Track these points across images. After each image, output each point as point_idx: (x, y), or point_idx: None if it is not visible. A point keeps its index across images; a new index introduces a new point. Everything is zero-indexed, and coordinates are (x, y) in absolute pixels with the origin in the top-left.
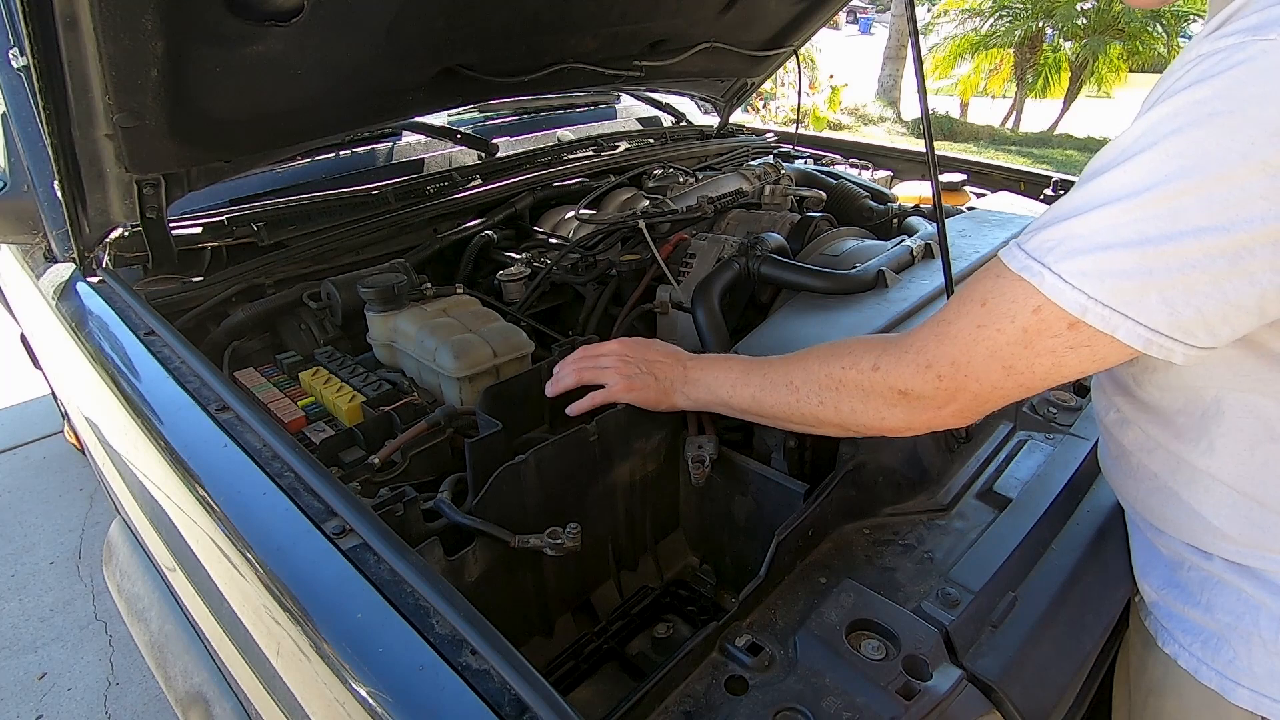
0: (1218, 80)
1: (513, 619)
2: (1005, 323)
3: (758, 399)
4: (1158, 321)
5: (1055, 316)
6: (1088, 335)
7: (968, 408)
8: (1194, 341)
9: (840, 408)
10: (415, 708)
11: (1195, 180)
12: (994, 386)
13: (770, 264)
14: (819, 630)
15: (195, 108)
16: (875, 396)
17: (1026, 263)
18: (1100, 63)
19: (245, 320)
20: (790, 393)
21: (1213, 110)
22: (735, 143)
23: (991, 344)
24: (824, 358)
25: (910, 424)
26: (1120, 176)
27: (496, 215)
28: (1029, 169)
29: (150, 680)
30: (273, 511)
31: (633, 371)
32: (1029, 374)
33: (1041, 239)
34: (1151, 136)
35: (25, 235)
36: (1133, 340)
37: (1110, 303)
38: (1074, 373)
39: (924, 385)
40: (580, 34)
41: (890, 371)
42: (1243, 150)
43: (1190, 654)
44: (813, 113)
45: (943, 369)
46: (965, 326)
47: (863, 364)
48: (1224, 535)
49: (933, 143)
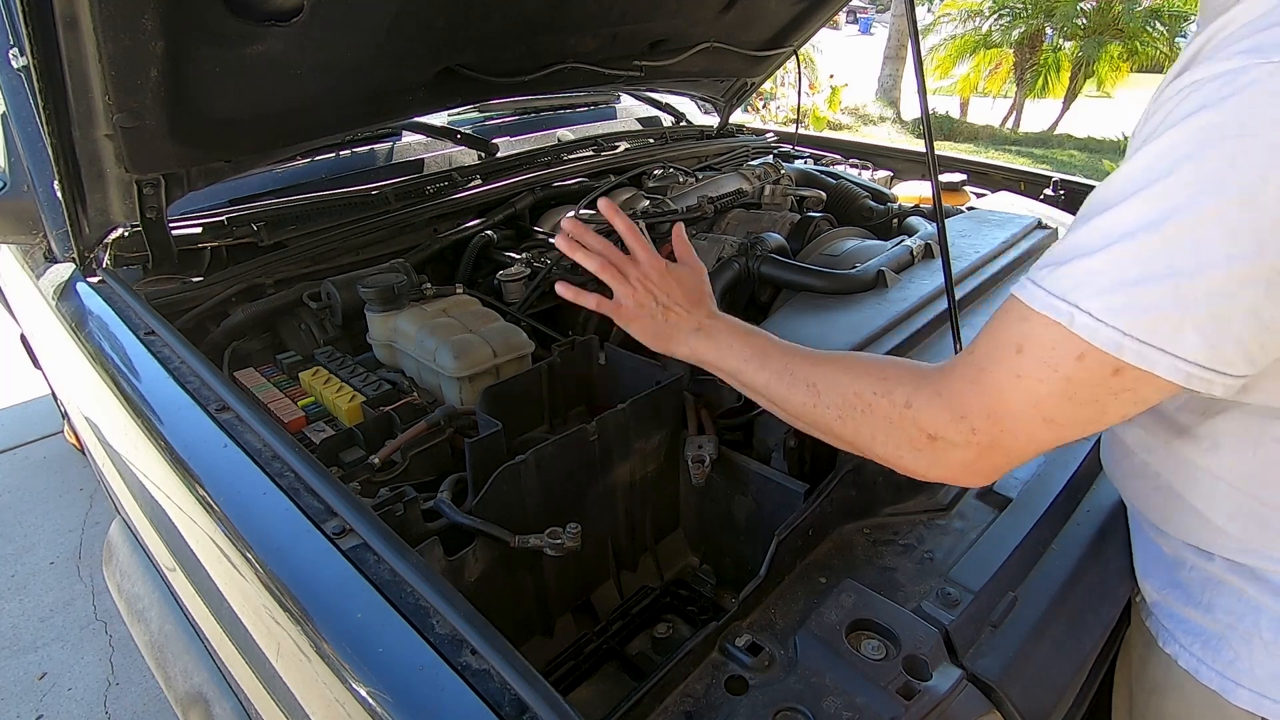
0: (1225, 105)
1: (513, 619)
2: (1047, 371)
3: (771, 386)
4: (1196, 355)
5: (1099, 362)
6: (1131, 379)
7: (997, 467)
8: (1233, 371)
9: (860, 431)
10: (415, 708)
11: (1216, 208)
12: (1030, 439)
13: (770, 264)
14: (819, 630)
15: (195, 108)
16: (901, 433)
17: (1050, 302)
18: (1100, 62)
19: (245, 320)
20: (810, 395)
21: (1224, 135)
22: (735, 143)
23: (1032, 395)
24: (856, 373)
25: (927, 471)
26: (1138, 207)
27: (496, 215)
28: (1029, 169)
29: (150, 680)
30: (273, 511)
31: (646, 300)
32: (1068, 425)
33: (1061, 275)
34: (1165, 163)
35: (25, 235)
36: (1173, 375)
37: (1147, 339)
38: (1115, 419)
39: (955, 435)
40: (580, 34)
41: (922, 412)
42: (1261, 174)
43: (1191, 654)
44: (813, 113)
45: (978, 421)
46: (1002, 375)
47: (895, 396)
48: (1225, 534)
49: (933, 143)
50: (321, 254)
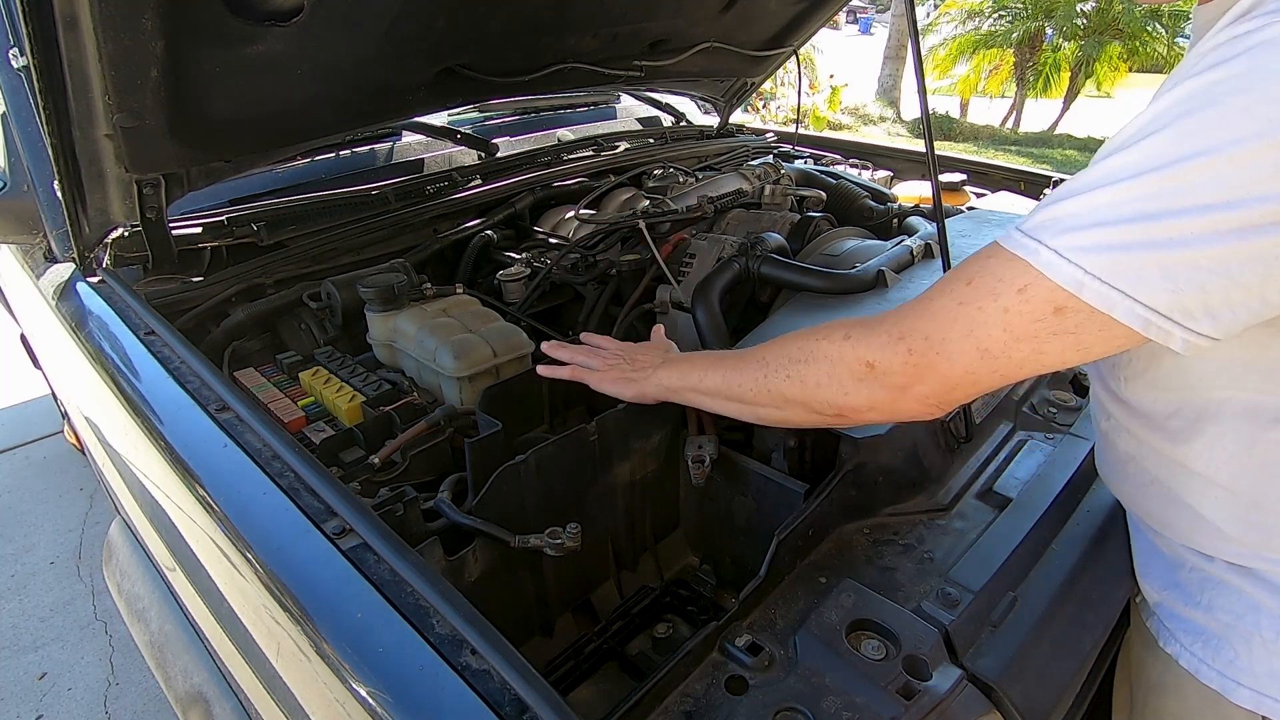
0: (1234, 62)
1: (513, 619)
2: (988, 300)
3: (728, 379)
4: (1158, 301)
5: (1041, 299)
6: (1074, 321)
7: (935, 393)
8: (1194, 326)
9: (806, 381)
10: (415, 708)
11: (1207, 159)
12: (966, 370)
13: (770, 264)
14: (819, 630)
15: (195, 108)
16: (842, 366)
17: (1022, 240)
18: (1100, 62)
19: (245, 320)
20: (760, 368)
21: (1227, 89)
22: (735, 143)
23: (969, 322)
24: (800, 335)
25: (873, 403)
26: (1128, 157)
27: (496, 215)
28: (1029, 169)
29: (150, 680)
30: (273, 511)
31: (615, 362)
32: (1005, 360)
33: (1041, 218)
34: (1164, 119)
35: (25, 235)
36: (1131, 320)
37: (1109, 279)
38: (1054, 362)
39: (893, 358)
40: (580, 34)
41: (861, 341)
42: (1258, 128)
43: (1191, 654)
44: (813, 113)
45: (914, 342)
46: (946, 303)
47: (835, 334)
48: (1224, 537)
49: (933, 143)
50: (321, 254)
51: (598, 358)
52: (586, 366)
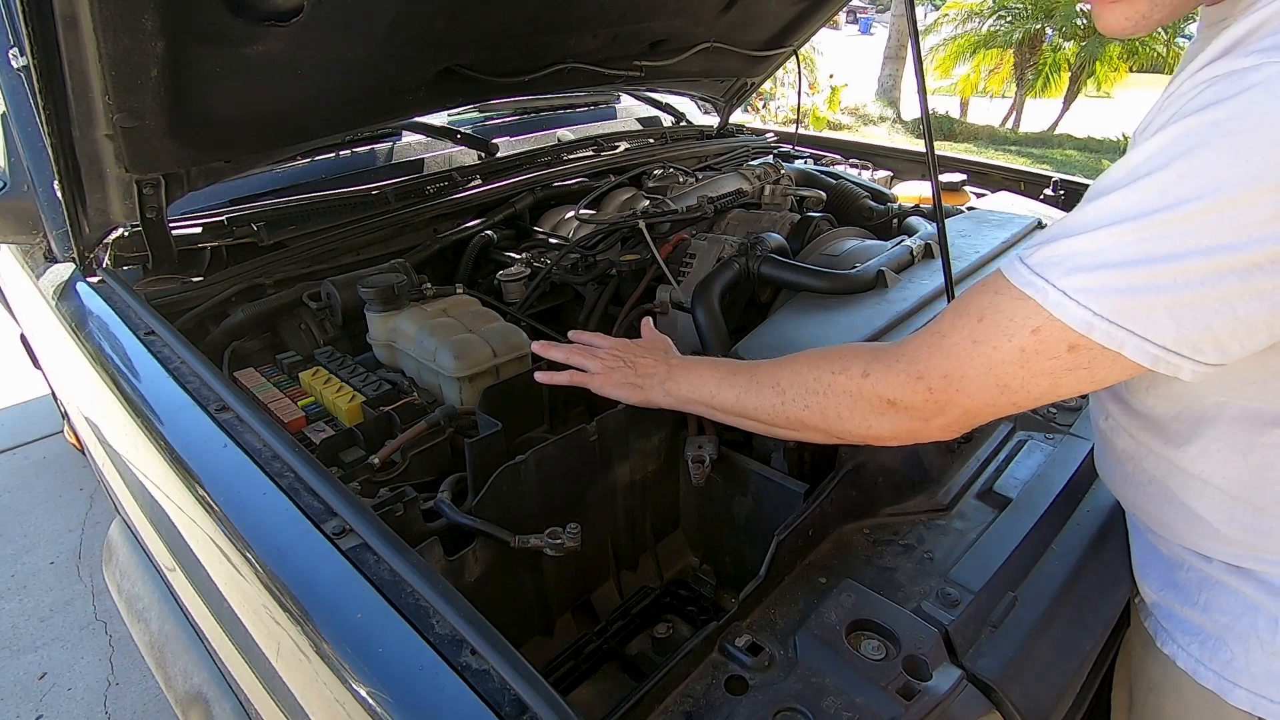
0: (1232, 102)
1: (513, 619)
2: (1002, 340)
3: (742, 400)
4: (1165, 338)
5: (1054, 339)
6: (1087, 357)
7: (956, 422)
8: (1202, 358)
9: (826, 413)
10: (415, 708)
11: (1207, 202)
12: (986, 403)
13: (770, 264)
14: (819, 630)
15: (195, 108)
16: (863, 403)
17: (1030, 278)
18: (1100, 62)
19: (245, 320)
20: (776, 395)
21: (1225, 131)
22: (735, 143)
23: (987, 360)
24: (813, 362)
25: (896, 434)
26: (1129, 196)
27: (496, 215)
28: (1029, 169)
29: (150, 680)
30: (273, 511)
31: (615, 364)
32: (1023, 393)
33: (1045, 254)
34: (1163, 157)
35: (25, 235)
36: (1140, 357)
37: (1117, 319)
38: (1069, 393)
39: (913, 396)
40: (580, 34)
41: (880, 379)
42: (1256, 173)
43: (1189, 654)
44: (813, 113)
45: (934, 381)
46: (960, 340)
47: (852, 370)
48: (1222, 538)
49: (933, 143)
50: (321, 254)
51: (594, 358)
52: (583, 368)
